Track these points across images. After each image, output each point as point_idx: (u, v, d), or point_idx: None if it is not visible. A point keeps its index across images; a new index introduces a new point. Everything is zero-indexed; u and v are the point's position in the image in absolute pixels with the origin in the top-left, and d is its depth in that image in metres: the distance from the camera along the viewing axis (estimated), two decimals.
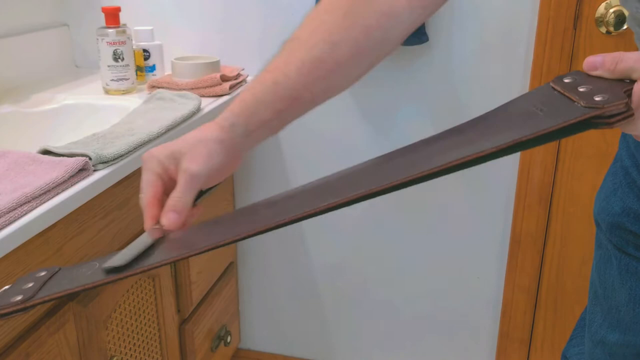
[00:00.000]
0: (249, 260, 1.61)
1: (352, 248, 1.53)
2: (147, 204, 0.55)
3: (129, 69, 1.25)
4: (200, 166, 0.54)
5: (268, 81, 0.58)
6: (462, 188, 1.41)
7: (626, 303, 0.70)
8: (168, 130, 1.02)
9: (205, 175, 0.55)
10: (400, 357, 1.61)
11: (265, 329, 1.68)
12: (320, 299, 1.60)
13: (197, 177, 0.54)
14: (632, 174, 0.68)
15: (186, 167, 0.54)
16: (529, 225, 1.38)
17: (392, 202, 1.45)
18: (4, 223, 0.70)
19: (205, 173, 0.55)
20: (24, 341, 0.79)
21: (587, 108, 0.42)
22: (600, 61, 0.45)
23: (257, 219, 0.51)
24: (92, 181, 0.84)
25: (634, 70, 0.43)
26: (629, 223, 0.68)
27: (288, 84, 0.58)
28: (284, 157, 1.48)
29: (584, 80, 0.45)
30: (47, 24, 1.43)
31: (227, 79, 1.27)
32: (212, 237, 0.49)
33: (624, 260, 0.69)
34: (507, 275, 1.44)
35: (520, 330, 1.47)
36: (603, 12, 1.21)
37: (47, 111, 1.19)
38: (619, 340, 0.71)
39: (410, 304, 1.55)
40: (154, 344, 1.16)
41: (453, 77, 1.33)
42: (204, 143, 0.56)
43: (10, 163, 0.83)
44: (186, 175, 0.54)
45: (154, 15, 1.42)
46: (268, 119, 0.58)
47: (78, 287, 0.47)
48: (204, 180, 0.55)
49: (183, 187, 0.54)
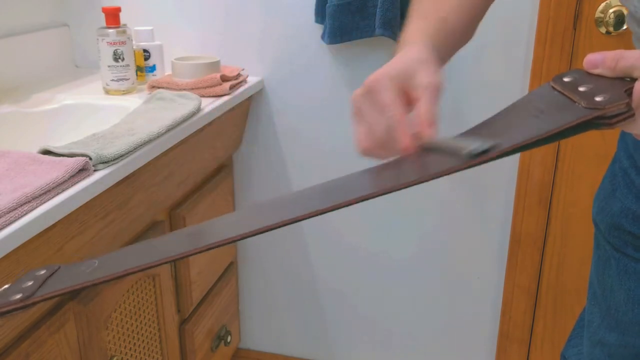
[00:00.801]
0: (249, 260, 1.61)
1: (351, 248, 1.53)
2: (400, 121, 0.54)
3: (129, 69, 1.25)
4: (439, 78, 0.55)
5: (435, 19, 0.64)
6: (462, 188, 1.41)
7: (625, 303, 0.70)
8: (168, 130, 1.03)
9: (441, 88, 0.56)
10: (400, 357, 1.61)
11: (265, 329, 1.68)
12: (320, 299, 1.60)
13: (441, 88, 0.55)
14: (631, 175, 0.68)
15: (429, 81, 0.54)
16: (529, 225, 1.38)
17: (392, 202, 1.45)
18: (4, 223, 0.70)
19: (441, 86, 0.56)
20: (24, 341, 0.79)
21: (587, 109, 0.41)
22: (600, 59, 0.44)
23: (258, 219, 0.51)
24: (92, 181, 0.84)
25: (634, 68, 0.42)
26: (627, 224, 0.68)
27: (450, 17, 0.65)
28: (284, 157, 1.48)
29: (584, 79, 0.44)
30: (47, 24, 1.43)
31: (227, 79, 1.27)
32: (215, 236, 0.48)
33: (622, 261, 0.70)
34: (507, 275, 1.44)
35: (520, 330, 1.48)
36: (603, 12, 1.21)
37: (47, 111, 1.19)
38: (617, 340, 0.72)
39: (410, 303, 1.55)
40: (154, 344, 1.16)
41: (453, 77, 1.33)
42: (427, 63, 0.56)
43: (11, 163, 0.83)
44: (432, 87, 0.54)
45: (154, 15, 1.42)
46: (446, 51, 0.64)
47: (78, 285, 0.47)
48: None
49: (431, 99, 0.54)
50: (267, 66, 1.40)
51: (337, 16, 1.25)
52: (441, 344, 1.57)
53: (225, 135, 1.34)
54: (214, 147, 1.30)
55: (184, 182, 1.18)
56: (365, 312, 1.59)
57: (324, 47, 1.35)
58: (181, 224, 1.20)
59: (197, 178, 1.26)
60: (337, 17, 1.25)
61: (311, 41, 1.37)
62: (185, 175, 1.18)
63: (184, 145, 1.11)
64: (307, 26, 1.36)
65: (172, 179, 1.12)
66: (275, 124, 1.46)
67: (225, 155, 1.41)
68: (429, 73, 0.55)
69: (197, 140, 1.17)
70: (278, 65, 1.40)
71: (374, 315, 1.58)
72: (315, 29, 1.35)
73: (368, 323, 1.60)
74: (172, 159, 1.09)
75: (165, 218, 1.17)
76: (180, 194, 1.20)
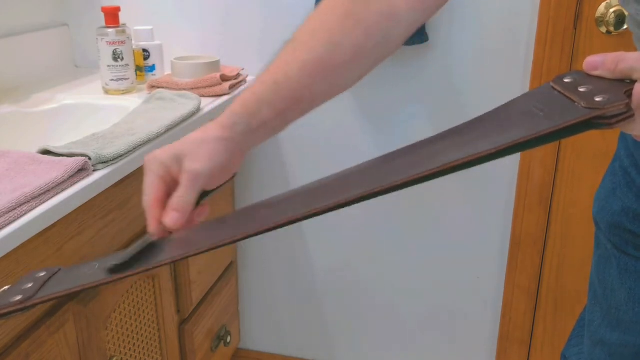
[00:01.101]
0: (249, 260, 1.61)
1: (351, 248, 1.53)
2: (150, 206, 0.55)
3: (128, 68, 1.25)
4: (203, 165, 0.55)
5: (269, 81, 0.59)
6: (462, 188, 1.41)
7: (625, 303, 0.70)
8: (168, 130, 1.02)
9: (208, 174, 0.55)
10: (400, 357, 1.61)
11: (265, 329, 1.68)
12: (320, 299, 1.60)
13: (200, 176, 0.55)
14: (631, 174, 0.68)
15: (188, 167, 0.55)
16: (529, 226, 1.38)
17: (391, 202, 1.45)
18: (4, 223, 0.70)
19: (207, 172, 0.55)
20: (24, 341, 0.79)
21: (587, 109, 0.41)
22: (600, 61, 0.44)
23: (258, 219, 0.51)
24: (91, 181, 0.84)
25: (634, 70, 0.43)
26: (628, 223, 0.68)
27: (289, 84, 0.58)
28: (284, 157, 1.48)
29: (584, 81, 0.45)
30: (47, 24, 1.43)
31: (227, 79, 1.27)
32: (215, 237, 0.49)
33: (623, 260, 0.69)
34: (507, 275, 1.44)
35: (520, 330, 1.47)
36: (603, 12, 1.21)
37: (47, 111, 1.19)
38: (618, 339, 0.72)
39: (410, 304, 1.55)
40: (154, 344, 1.16)
41: (453, 77, 1.33)
42: (205, 143, 0.56)
43: (10, 163, 0.83)
44: (188, 174, 0.55)
45: (154, 15, 1.42)
46: (269, 118, 0.58)
47: (78, 287, 0.47)
48: (206, 180, 0.56)
49: (185, 186, 0.55)
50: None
51: None
52: (441, 345, 1.56)
53: None
54: None
55: None
56: (365, 312, 1.59)
57: None
58: None
59: None
60: None
61: None
62: None
63: None
64: None
65: None
66: None
67: None
68: (195, 159, 0.55)
69: None
70: None
71: (374, 315, 1.58)
72: None
73: (368, 323, 1.60)
74: None
75: None
76: None
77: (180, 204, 0.54)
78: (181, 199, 0.54)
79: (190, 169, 0.55)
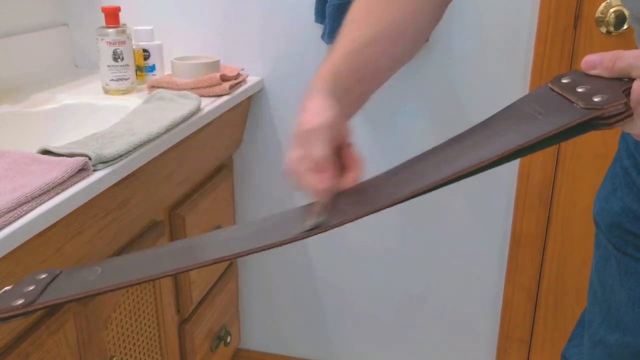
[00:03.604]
0: (249, 260, 1.61)
1: (351, 248, 1.53)
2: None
3: (128, 68, 1.25)
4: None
5: (341, 52, 0.63)
6: (462, 188, 1.41)
7: (625, 303, 0.70)
8: (168, 130, 1.02)
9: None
10: (400, 357, 1.61)
11: (265, 329, 1.68)
12: (320, 299, 1.60)
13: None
14: (632, 174, 0.68)
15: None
16: (529, 226, 1.38)
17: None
18: (4, 223, 0.70)
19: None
20: (24, 341, 0.79)
21: (586, 109, 0.41)
22: (598, 60, 0.44)
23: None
24: (91, 181, 0.84)
25: (632, 68, 0.42)
26: (628, 223, 0.68)
27: (359, 57, 0.63)
28: (283, 157, 1.48)
29: (582, 80, 0.44)
30: (47, 24, 1.43)
31: (227, 79, 1.27)
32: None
33: (623, 261, 0.69)
34: (507, 275, 1.44)
35: (520, 330, 1.47)
36: (603, 12, 1.21)
37: (47, 111, 1.19)
38: (618, 340, 0.71)
39: (410, 303, 1.55)
40: (154, 344, 1.16)
41: (453, 77, 1.33)
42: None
43: (10, 163, 0.83)
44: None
45: (154, 15, 1.42)
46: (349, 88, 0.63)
47: (80, 294, 0.47)
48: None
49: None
50: (267, 66, 1.40)
51: (337, 16, 1.25)
52: (441, 345, 1.57)
53: (225, 135, 1.34)
54: (214, 147, 1.30)
55: (184, 182, 1.18)
56: (365, 312, 1.59)
57: (324, 47, 1.35)
58: (181, 223, 1.20)
59: (197, 178, 1.26)
60: (337, 17, 1.25)
61: (311, 41, 1.36)
62: (184, 175, 1.17)
63: (184, 145, 1.11)
64: (307, 26, 1.36)
65: (172, 179, 1.12)
66: (275, 124, 1.46)
67: (225, 155, 1.41)
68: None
69: (197, 140, 1.17)
70: (278, 65, 1.40)
71: (374, 315, 1.58)
72: (315, 29, 1.35)
73: (368, 323, 1.60)
74: (172, 159, 1.09)
75: (164, 218, 1.17)
76: (180, 194, 1.20)
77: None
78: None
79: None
